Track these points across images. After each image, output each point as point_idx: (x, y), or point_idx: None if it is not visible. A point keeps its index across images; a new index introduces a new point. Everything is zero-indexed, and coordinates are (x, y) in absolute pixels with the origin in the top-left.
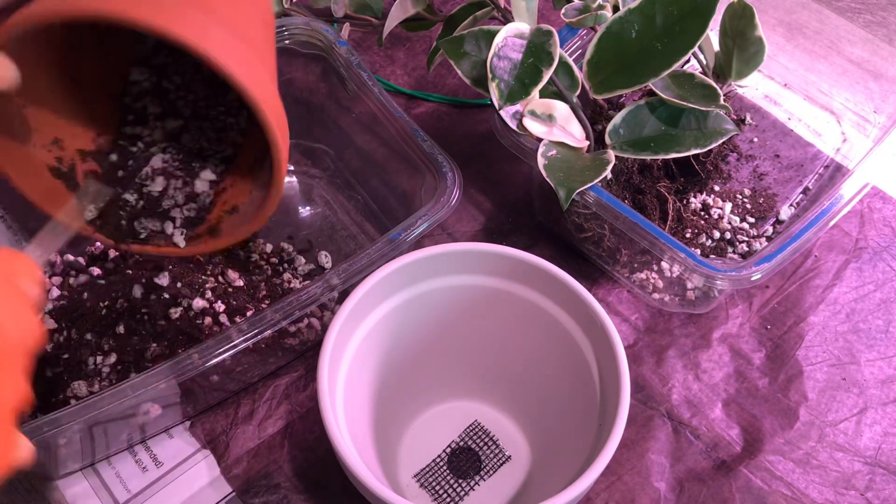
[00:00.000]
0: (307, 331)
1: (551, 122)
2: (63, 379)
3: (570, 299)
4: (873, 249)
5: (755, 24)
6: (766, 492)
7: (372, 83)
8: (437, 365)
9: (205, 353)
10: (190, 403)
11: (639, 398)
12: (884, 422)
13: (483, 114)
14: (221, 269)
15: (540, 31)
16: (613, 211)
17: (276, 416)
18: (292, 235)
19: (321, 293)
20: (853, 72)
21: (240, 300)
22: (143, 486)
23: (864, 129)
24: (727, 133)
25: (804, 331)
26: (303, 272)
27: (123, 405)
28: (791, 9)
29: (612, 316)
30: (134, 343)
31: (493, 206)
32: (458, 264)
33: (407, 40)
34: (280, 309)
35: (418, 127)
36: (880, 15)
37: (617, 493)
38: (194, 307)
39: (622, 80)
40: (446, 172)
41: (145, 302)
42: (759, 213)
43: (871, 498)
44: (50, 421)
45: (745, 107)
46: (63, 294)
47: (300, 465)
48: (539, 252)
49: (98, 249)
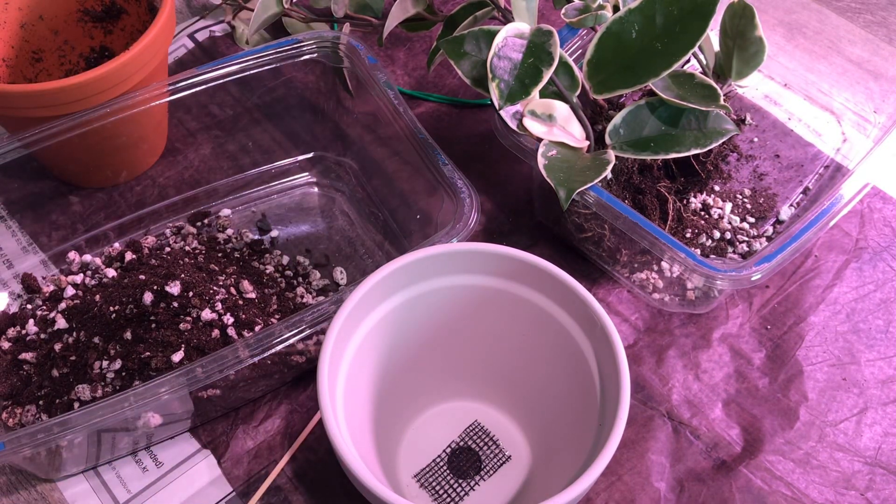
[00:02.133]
0: (315, 349)
1: (551, 122)
2: (69, 380)
3: (570, 299)
4: (873, 249)
5: (755, 24)
6: (766, 492)
7: (398, 102)
8: (438, 365)
9: (209, 367)
10: (191, 415)
11: (639, 398)
12: (884, 422)
13: (483, 114)
14: (235, 279)
15: (540, 31)
16: (613, 211)
17: (276, 416)
18: (309, 249)
19: (332, 311)
20: (853, 72)
21: (249, 313)
22: (144, 487)
23: (865, 129)
24: (727, 133)
25: (804, 331)
26: (317, 287)
27: (123, 415)
28: (791, 9)
29: (612, 316)
30: (140, 351)
31: (493, 206)
32: (458, 264)
33: (407, 40)
34: (289, 326)
35: (439, 148)
36: (880, 15)
37: (617, 493)
38: (202, 319)
39: (622, 80)
40: (464, 198)
41: (154, 310)
42: (759, 213)
43: (871, 498)
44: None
45: (745, 107)
46: (77, 294)
47: (300, 465)
48: (539, 252)
49: (115, 251)
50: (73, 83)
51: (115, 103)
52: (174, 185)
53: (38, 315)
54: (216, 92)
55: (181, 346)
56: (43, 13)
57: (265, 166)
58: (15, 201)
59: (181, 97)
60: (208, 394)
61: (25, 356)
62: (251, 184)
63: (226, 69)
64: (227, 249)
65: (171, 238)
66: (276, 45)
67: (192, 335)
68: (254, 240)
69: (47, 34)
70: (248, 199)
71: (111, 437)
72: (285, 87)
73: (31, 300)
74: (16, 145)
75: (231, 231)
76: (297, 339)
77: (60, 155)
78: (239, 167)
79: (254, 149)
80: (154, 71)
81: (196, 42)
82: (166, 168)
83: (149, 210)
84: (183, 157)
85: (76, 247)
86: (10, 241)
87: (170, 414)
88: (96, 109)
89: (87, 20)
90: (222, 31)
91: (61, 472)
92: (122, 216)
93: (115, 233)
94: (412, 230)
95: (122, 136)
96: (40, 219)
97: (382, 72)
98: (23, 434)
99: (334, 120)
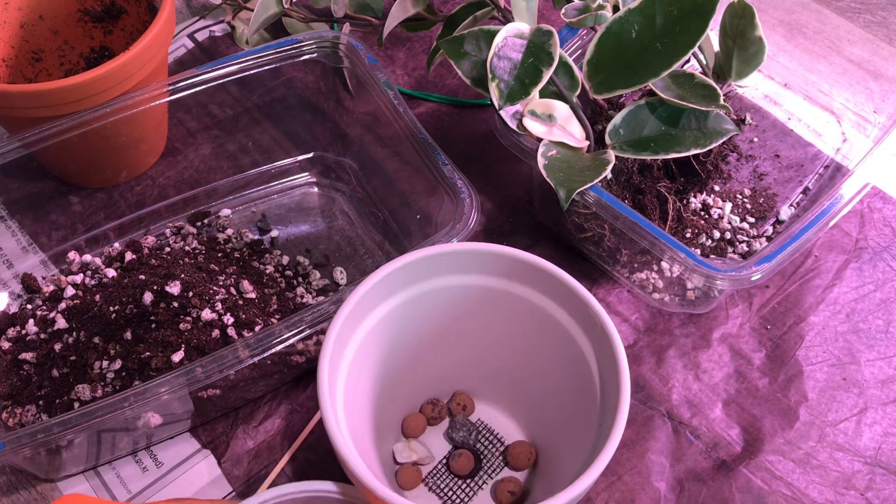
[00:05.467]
0: (315, 349)
1: (551, 122)
2: (69, 381)
3: (570, 299)
4: (873, 249)
5: (755, 24)
6: (766, 492)
7: (398, 102)
8: (438, 365)
9: (209, 367)
10: (191, 415)
11: (639, 398)
12: (884, 422)
13: (483, 114)
14: (235, 279)
15: (540, 31)
16: (613, 211)
17: (276, 416)
18: (309, 249)
19: (332, 311)
20: (853, 72)
21: (249, 314)
22: (144, 487)
23: (864, 129)
24: (727, 133)
25: (804, 331)
26: (317, 287)
27: (123, 415)
28: (791, 9)
29: (612, 316)
30: (140, 351)
31: (493, 206)
32: (458, 264)
33: (407, 40)
34: (289, 326)
35: (439, 148)
36: (880, 15)
37: (617, 493)
38: (202, 318)
39: (622, 80)
40: (464, 198)
41: (154, 310)
42: (759, 213)
43: (871, 498)
44: (44, 428)
45: (745, 107)
46: (77, 294)
47: (300, 465)
48: (539, 252)
49: (115, 251)
50: (73, 83)
51: (115, 103)
52: (174, 185)
53: (38, 315)
54: (216, 92)
55: (181, 346)
56: (43, 13)
57: (265, 166)
58: (15, 201)
59: (181, 97)
60: (208, 394)
61: (25, 356)
62: (251, 184)
63: (226, 69)
64: (227, 249)
65: (171, 238)
66: (275, 45)
67: (192, 335)
68: (254, 240)
69: (47, 34)
70: (248, 199)
71: (111, 437)
72: (285, 87)
73: (31, 300)
74: (16, 145)
75: (231, 231)
76: (297, 339)
77: (60, 155)
78: (239, 167)
79: (254, 149)
80: (154, 71)
81: (196, 42)
82: (166, 168)
83: (149, 210)
84: (183, 157)
85: (76, 247)
86: (10, 241)
87: (170, 414)
88: (96, 109)
89: (87, 20)
90: (222, 31)
91: (61, 472)
92: (122, 216)
93: (115, 233)
94: (412, 230)
95: (122, 136)
96: (40, 219)
97: (382, 72)
98: (23, 434)
99: (334, 120)
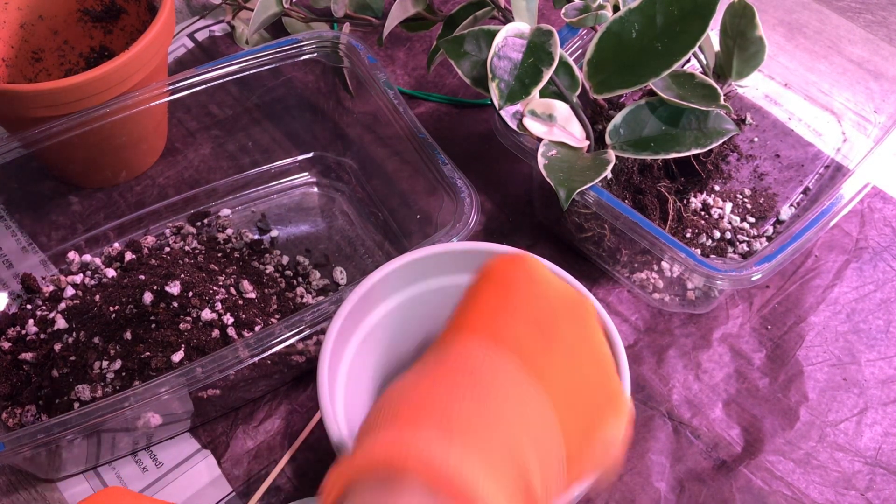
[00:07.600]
0: (315, 349)
1: (551, 122)
2: (69, 381)
3: None
4: (874, 249)
5: (755, 24)
6: (767, 492)
7: (398, 102)
8: None
9: (209, 367)
10: (191, 415)
11: (639, 398)
12: (884, 422)
13: (483, 114)
14: (235, 279)
15: (540, 31)
16: (613, 211)
17: (276, 416)
18: (309, 249)
19: (332, 311)
20: (853, 72)
21: (249, 314)
22: (144, 487)
23: (865, 129)
24: (727, 133)
25: (804, 331)
26: (317, 287)
27: (123, 415)
28: (791, 9)
29: (612, 316)
30: (140, 351)
31: (493, 206)
32: (459, 264)
33: (407, 40)
34: (289, 326)
35: (439, 148)
36: (881, 15)
37: (617, 493)
38: (202, 318)
39: (622, 80)
40: (464, 198)
41: (154, 310)
42: (760, 213)
43: (872, 498)
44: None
45: (745, 107)
46: (77, 294)
47: (300, 465)
48: (539, 252)
49: (115, 251)
50: (73, 83)
51: (115, 103)
52: (174, 185)
53: (37, 315)
54: (216, 92)
55: (181, 346)
56: (43, 13)
57: (265, 166)
58: (15, 201)
59: (181, 97)
60: (208, 394)
61: (25, 356)
62: (251, 184)
63: (226, 69)
64: (226, 249)
65: (170, 238)
66: (275, 45)
67: (192, 335)
68: (254, 240)
69: (47, 34)
70: (247, 198)
71: (111, 437)
72: (285, 87)
73: (31, 300)
74: (16, 145)
75: (231, 231)
76: (296, 339)
77: (60, 155)
78: (239, 167)
79: (254, 149)
80: (154, 71)
81: (196, 42)
82: (166, 168)
83: (148, 210)
84: (183, 157)
85: (76, 247)
86: (9, 241)
87: (170, 414)
88: (96, 109)
89: (86, 20)
90: (222, 30)
91: (61, 472)
92: (122, 216)
93: (114, 233)
94: (412, 230)
95: (121, 136)
96: (40, 219)
97: (382, 72)
98: (23, 434)
99: (334, 120)
